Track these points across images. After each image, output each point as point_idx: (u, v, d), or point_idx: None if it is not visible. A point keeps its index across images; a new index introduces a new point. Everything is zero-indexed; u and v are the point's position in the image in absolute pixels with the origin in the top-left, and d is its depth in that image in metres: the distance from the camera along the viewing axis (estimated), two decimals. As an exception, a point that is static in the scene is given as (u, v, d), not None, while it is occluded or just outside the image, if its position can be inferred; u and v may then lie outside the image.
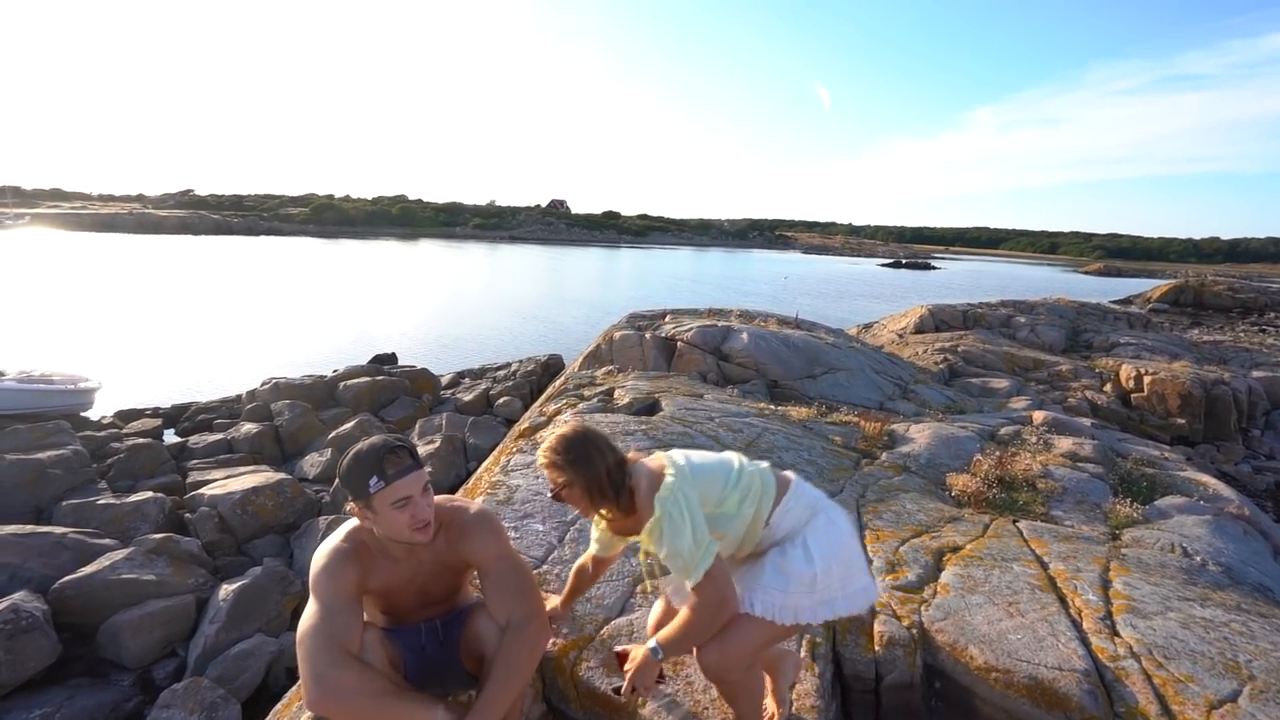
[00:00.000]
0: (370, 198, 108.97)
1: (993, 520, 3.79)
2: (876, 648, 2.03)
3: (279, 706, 2.32)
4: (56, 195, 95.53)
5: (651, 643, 1.52)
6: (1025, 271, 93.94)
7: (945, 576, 2.55)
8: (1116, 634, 2.18)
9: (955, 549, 2.96)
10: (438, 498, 1.60)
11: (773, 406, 5.99)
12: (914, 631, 2.08)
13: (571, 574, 1.98)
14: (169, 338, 20.51)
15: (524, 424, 3.92)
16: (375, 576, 1.56)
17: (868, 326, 22.14)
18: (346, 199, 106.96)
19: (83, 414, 12.81)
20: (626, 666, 1.55)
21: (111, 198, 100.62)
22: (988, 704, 1.89)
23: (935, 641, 2.06)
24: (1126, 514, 4.31)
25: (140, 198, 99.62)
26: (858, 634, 2.08)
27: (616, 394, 5.08)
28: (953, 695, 1.96)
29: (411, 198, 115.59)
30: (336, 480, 1.69)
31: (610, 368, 6.95)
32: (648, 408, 4.89)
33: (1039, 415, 7.70)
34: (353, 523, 1.60)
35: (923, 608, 2.24)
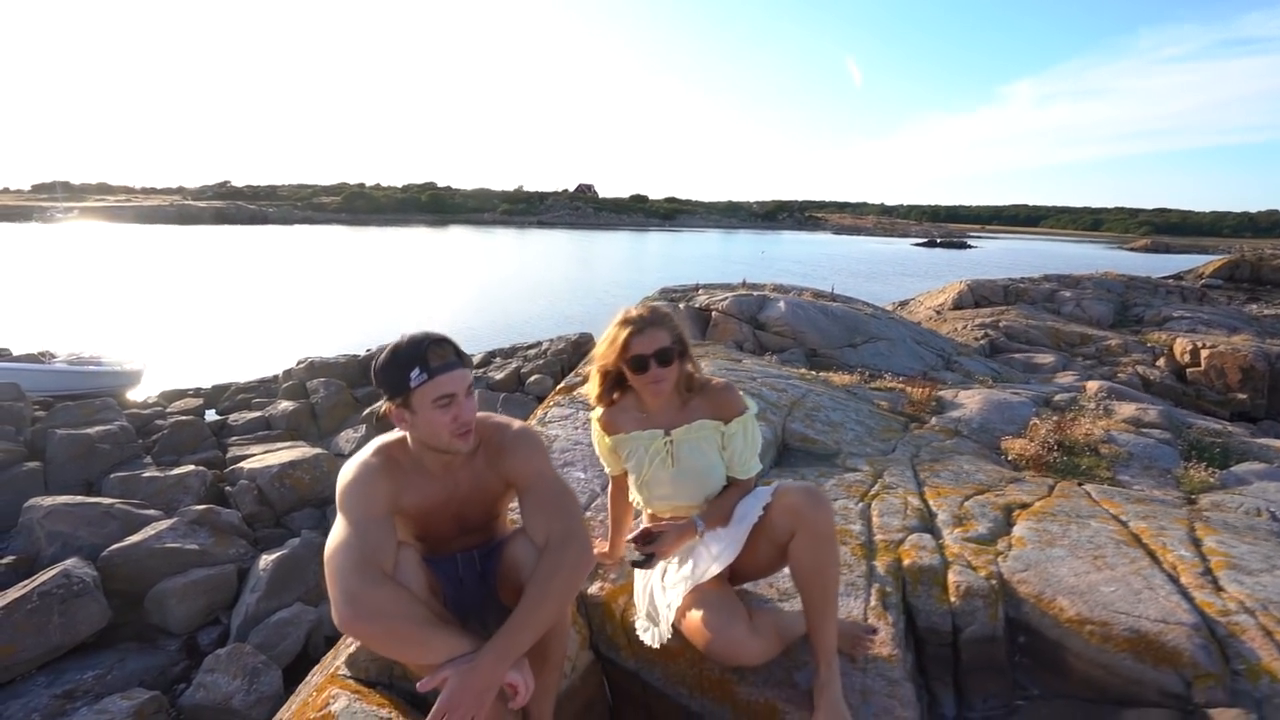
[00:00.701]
0: (400, 185, 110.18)
1: (1057, 483, 3.55)
2: (953, 599, 1.84)
3: (316, 669, 2.26)
4: (102, 189, 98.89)
5: (696, 519, 1.65)
6: (1066, 249, 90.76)
7: (1018, 530, 2.35)
8: (1221, 589, 1.96)
9: (1023, 506, 2.74)
10: (478, 415, 1.47)
11: (813, 372, 5.78)
12: (993, 582, 1.89)
13: (609, 509, 1.98)
14: (210, 322, 21.03)
15: (562, 384, 3.80)
16: (408, 494, 1.44)
17: (904, 303, 21.54)
18: (377, 187, 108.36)
19: (129, 394, 13.18)
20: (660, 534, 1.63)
21: (153, 190, 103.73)
22: (1082, 660, 1.70)
23: (1018, 593, 1.87)
24: (1202, 479, 4.01)
25: (180, 190, 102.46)
26: (930, 584, 1.90)
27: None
28: (1040, 650, 1.77)
29: (441, 185, 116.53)
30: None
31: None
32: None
33: (1093, 385, 7.32)
34: (382, 439, 1.48)
35: (999, 559, 2.05)
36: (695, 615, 1.53)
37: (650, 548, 1.59)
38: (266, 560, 6.50)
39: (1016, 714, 1.68)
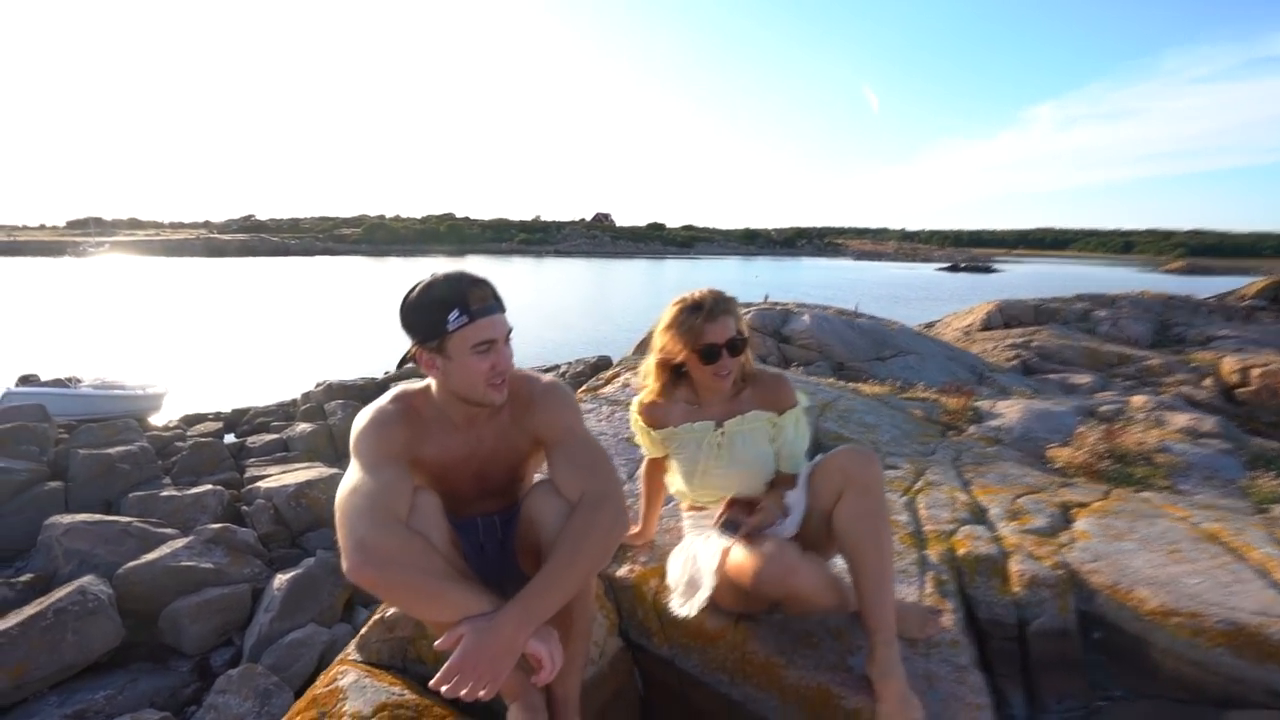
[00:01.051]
0: (419, 216, 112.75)
1: (1111, 489, 3.36)
2: (1016, 589, 1.70)
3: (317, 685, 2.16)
4: (133, 224, 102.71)
5: (780, 519, 1.52)
6: (1098, 272, 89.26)
7: (1081, 525, 2.19)
8: (1318, 584, 1.78)
9: (1081, 504, 2.57)
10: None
11: (842, 382, 5.64)
12: (1060, 572, 1.74)
13: (642, 490, 1.90)
14: (232, 350, 21.43)
15: (585, 386, 3.73)
16: (427, 446, 1.36)
17: (930, 325, 21.22)
18: (397, 218, 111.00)
19: (151, 418, 13.40)
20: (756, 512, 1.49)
21: (181, 225, 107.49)
22: (1170, 656, 1.54)
23: (1089, 583, 1.72)
24: (1271, 489, 3.76)
25: (207, 224, 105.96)
26: (989, 574, 1.75)
27: (675, 365, 4.85)
28: (1120, 646, 1.61)
29: (459, 215, 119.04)
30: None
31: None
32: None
33: (1138, 400, 7.04)
34: (401, 386, 1.41)
35: (1064, 550, 1.90)
36: (741, 552, 1.39)
37: (739, 515, 1.48)
38: (281, 580, 6.44)
39: (1098, 715, 1.52)
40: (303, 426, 11.34)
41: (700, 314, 1.55)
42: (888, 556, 1.34)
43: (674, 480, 1.76)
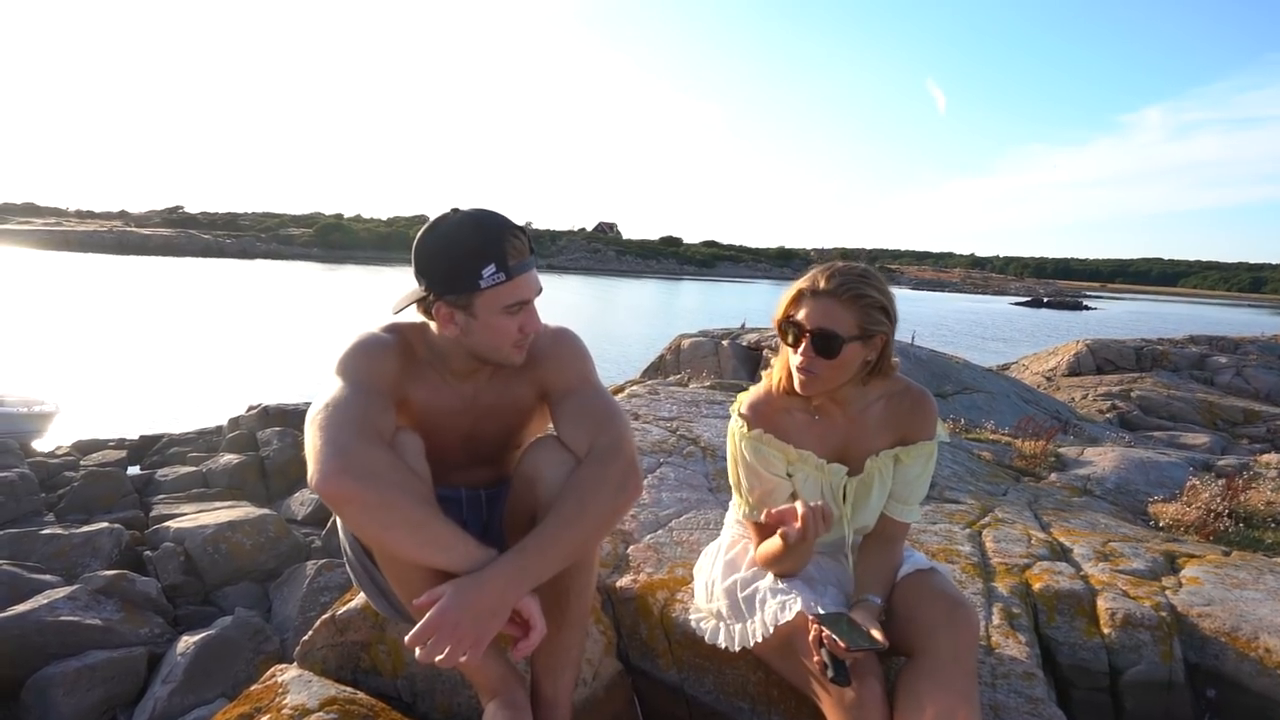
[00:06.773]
0: (385, 218, 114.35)
1: (1232, 552, 3.34)
2: (1105, 629, 1.68)
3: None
4: (29, 210, 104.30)
5: (871, 597, 1.41)
6: (1216, 314, 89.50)
7: (1190, 572, 2.18)
8: None
9: (1192, 556, 2.56)
10: None
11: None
12: (1162, 614, 1.73)
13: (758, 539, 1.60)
14: (143, 367, 21.54)
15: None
16: (418, 388, 1.43)
17: (1004, 367, 21.26)
18: (358, 219, 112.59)
19: (35, 443, 13.41)
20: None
21: (91, 214, 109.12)
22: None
23: (1200, 629, 1.70)
24: None
25: (123, 214, 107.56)
26: (1071, 613, 1.74)
27: (693, 385, 4.89)
28: (1242, 708, 1.58)
29: (433, 218, 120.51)
30: (414, 270, 1.35)
31: (679, 377, 6.77)
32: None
33: (1271, 456, 7.02)
34: (395, 320, 1.47)
35: (1168, 592, 1.88)
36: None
37: (853, 654, 1.25)
38: (187, 643, 6.34)
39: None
40: (228, 458, 11.32)
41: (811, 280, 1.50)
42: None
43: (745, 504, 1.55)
